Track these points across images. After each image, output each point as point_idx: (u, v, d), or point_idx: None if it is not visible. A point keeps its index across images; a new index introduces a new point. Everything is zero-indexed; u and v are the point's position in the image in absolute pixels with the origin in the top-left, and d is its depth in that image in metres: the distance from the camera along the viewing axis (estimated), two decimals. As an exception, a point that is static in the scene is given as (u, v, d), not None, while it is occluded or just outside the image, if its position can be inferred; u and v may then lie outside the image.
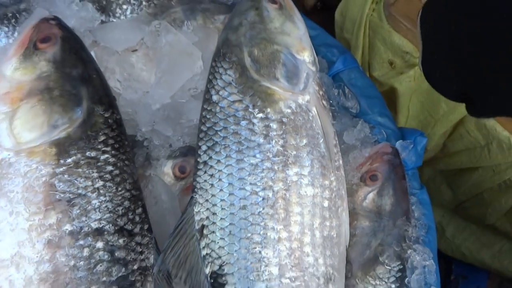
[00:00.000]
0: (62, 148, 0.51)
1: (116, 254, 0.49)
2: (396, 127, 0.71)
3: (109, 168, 0.52)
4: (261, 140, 0.56)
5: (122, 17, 0.70)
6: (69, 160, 0.51)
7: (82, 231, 0.49)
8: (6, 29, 0.67)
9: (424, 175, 1.34)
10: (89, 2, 0.68)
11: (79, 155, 0.51)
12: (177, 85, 0.66)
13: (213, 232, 0.54)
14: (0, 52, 0.64)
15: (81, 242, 0.48)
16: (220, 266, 0.54)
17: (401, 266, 0.62)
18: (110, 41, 0.67)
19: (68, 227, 0.48)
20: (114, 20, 0.70)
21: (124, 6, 0.70)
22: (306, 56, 0.62)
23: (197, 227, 0.55)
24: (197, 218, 0.55)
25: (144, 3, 0.71)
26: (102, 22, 0.69)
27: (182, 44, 0.67)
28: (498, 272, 1.30)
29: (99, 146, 0.53)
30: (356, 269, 0.62)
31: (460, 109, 1.02)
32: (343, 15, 1.15)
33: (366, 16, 1.04)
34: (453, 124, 1.06)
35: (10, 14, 0.68)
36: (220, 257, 0.54)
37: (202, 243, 0.55)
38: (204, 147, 0.57)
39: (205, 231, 0.55)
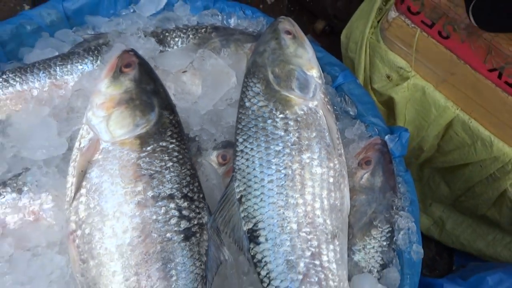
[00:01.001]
0: (143, 140, 0.73)
1: (182, 212, 0.70)
2: (385, 125, 0.91)
3: (175, 153, 0.74)
4: (282, 133, 0.77)
5: (175, 47, 0.93)
6: (148, 148, 0.72)
7: (160, 196, 0.70)
8: (91, 58, 0.90)
9: (424, 175, 1.52)
10: (152, 37, 0.91)
11: (155, 145, 0.73)
12: (217, 97, 0.87)
13: (249, 199, 0.75)
14: (89, 75, 0.87)
15: (160, 203, 0.69)
16: (255, 224, 0.74)
17: (390, 228, 0.81)
18: (167, 65, 0.89)
19: (150, 193, 0.69)
20: (169, 50, 0.92)
21: (176, 39, 0.93)
22: (314, 72, 0.83)
23: (237, 197, 0.75)
24: (237, 190, 0.75)
25: (191, 36, 0.94)
26: (161, 51, 0.91)
27: (220, 66, 0.88)
28: (493, 259, 1.45)
29: (168, 139, 0.74)
30: (356, 231, 0.82)
31: (448, 113, 1.20)
32: (347, 37, 1.36)
33: (366, 39, 1.25)
34: (443, 126, 1.24)
35: (93, 47, 0.91)
36: (254, 217, 0.74)
37: (241, 208, 0.75)
38: (241, 140, 0.78)
39: (243, 199, 0.75)
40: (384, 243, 0.80)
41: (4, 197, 0.80)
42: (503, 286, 0.84)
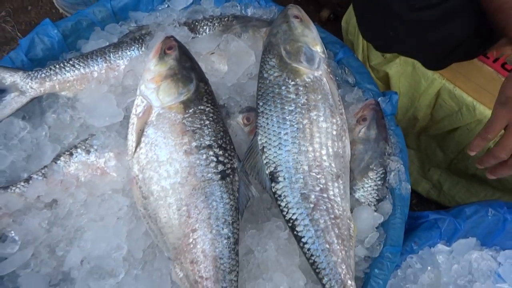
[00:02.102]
0: (186, 105, 0.93)
1: (219, 158, 0.90)
2: (379, 91, 1.10)
3: (211, 115, 0.94)
4: (294, 97, 0.96)
5: (204, 33, 1.13)
6: (190, 111, 0.92)
7: (201, 145, 0.90)
8: (137, 45, 1.10)
9: (422, 144, 1.70)
10: (185, 26, 1.11)
11: (195, 108, 0.93)
12: (240, 72, 1.07)
13: (269, 149, 0.94)
14: (136, 59, 1.08)
15: (201, 151, 0.90)
16: (274, 167, 0.93)
17: (383, 170, 1.01)
18: (198, 48, 1.09)
19: (194, 144, 0.90)
20: (199, 36, 1.13)
21: (204, 27, 1.13)
22: (318, 48, 1.03)
23: (260, 147, 0.95)
24: (259, 142, 0.95)
25: (216, 24, 1.14)
26: (193, 37, 1.12)
27: (242, 47, 1.08)
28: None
29: (204, 103, 0.94)
30: (356, 174, 1.01)
31: (435, 84, 1.38)
32: (347, 22, 1.55)
33: (363, 22, 1.44)
34: (432, 96, 1.42)
35: (137, 37, 1.12)
36: (274, 162, 0.93)
37: (263, 156, 0.95)
38: (261, 103, 0.97)
39: (264, 149, 0.94)
40: (379, 183, 1.00)
41: (76, 157, 1.01)
42: (477, 215, 1.02)
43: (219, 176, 0.90)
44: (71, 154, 1.01)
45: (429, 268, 0.99)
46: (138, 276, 0.92)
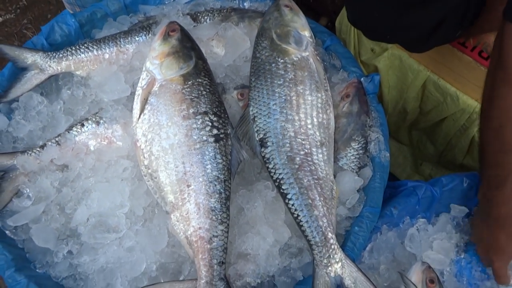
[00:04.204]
0: (185, 77, 1.04)
1: (214, 123, 1.00)
2: (362, 73, 1.20)
3: (207, 87, 1.05)
4: (282, 72, 1.07)
5: (204, 22, 1.26)
6: (189, 83, 1.03)
7: (198, 112, 1.00)
8: (145, 32, 1.22)
9: (413, 139, 1.79)
10: (187, 15, 1.24)
11: (193, 81, 1.04)
12: (237, 54, 1.18)
13: (260, 118, 1.04)
14: (143, 43, 1.21)
15: (198, 116, 1.00)
16: (264, 134, 1.02)
17: (364, 140, 1.10)
18: (199, 35, 1.20)
19: (192, 110, 1.00)
20: (200, 24, 1.25)
21: (205, 17, 1.26)
22: (306, 33, 1.14)
23: (251, 117, 1.06)
24: (251, 113, 1.05)
25: (216, 15, 1.26)
26: (194, 26, 1.24)
27: (238, 34, 1.20)
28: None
29: (202, 77, 1.05)
30: (340, 144, 1.10)
31: (421, 76, 1.48)
32: (340, 23, 1.67)
33: (354, 22, 1.56)
34: (419, 87, 1.52)
35: (145, 25, 1.25)
36: (263, 129, 1.03)
37: (254, 125, 1.05)
38: (253, 79, 1.08)
39: (255, 118, 1.04)
40: (361, 151, 1.09)
41: (87, 127, 1.12)
42: (453, 183, 1.10)
43: (213, 139, 1.00)
44: (82, 125, 1.12)
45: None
46: (139, 231, 1.01)
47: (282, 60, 1.09)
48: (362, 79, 1.16)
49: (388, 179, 1.07)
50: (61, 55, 1.17)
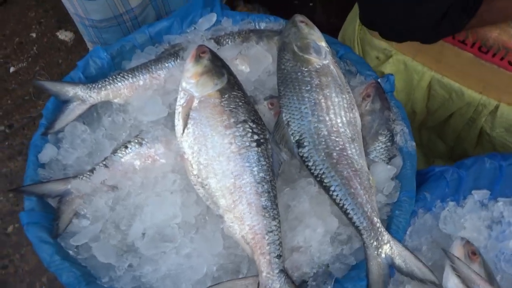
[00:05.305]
0: (221, 92, 1.13)
1: (253, 130, 1.08)
2: (377, 75, 1.31)
3: (242, 98, 1.13)
4: (308, 79, 1.16)
5: (226, 45, 1.37)
6: (226, 96, 1.12)
7: (238, 120, 1.09)
8: (173, 58, 1.32)
9: (423, 138, 1.89)
10: (211, 39, 1.35)
11: (229, 94, 1.12)
12: (261, 69, 1.29)
13: (293, 122, 1.12)
14: (174, 68, 1.31)
15: (239, 125, 1.08)
16: (299, 136, 1.11)
17: (390, 133, 1.19)
18: (223, 56, 1.30)
19: (232, 120, 1.09)
20: (223, 46, 1.36)
21: (227, 39, 1.37)
22: (323, 43, 1.25)
23: (285, 122, 1.14)
24: (284, 118, 1.14)
25: (236, 37, 1.38)
26: (218, 48, 1.35)
27: (260, 51, 1.31)
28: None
29: (236, 90, 1.14)
30: (368, 139, 1.19)
31: (426, 76, 1.59)
32: (342, 37, 1.80)
33: (357, 34, 1.69)
34: (425, 88, 1.63)
35: (173, 52, 1.35)
36: (299, 132, 1.11)
37: (289, 129, 1.13)
38: (282, 88, 1.17)
39: (289, 123, 1.13)
40: (388, 144, 1.18)
41: (130, 149, 1.19)
42: (476, 164, 1.18)
43: (255, 143, 1.08)
44: (126, 147, 1.19)
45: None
46: (194, 238, 1.07)
47: (306, 69, 1.19)
48: (378, 79, 1.26)
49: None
50: (100, 86, 1.26)
